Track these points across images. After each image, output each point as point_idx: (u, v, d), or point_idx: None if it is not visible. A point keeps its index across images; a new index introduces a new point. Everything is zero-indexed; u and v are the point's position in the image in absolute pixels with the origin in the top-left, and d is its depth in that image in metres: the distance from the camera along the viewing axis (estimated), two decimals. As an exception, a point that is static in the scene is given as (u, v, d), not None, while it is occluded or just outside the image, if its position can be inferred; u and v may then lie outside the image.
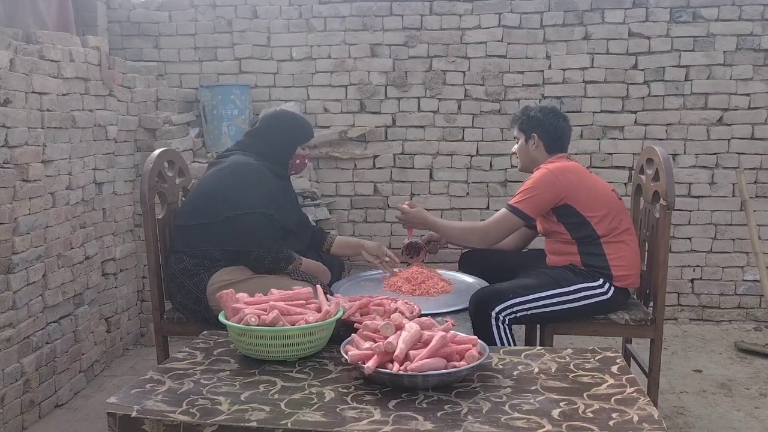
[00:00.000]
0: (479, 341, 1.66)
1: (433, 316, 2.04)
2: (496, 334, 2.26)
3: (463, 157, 3.89)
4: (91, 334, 3.06)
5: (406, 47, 3.86)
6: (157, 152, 2.47)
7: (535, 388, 1.55)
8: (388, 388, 1.54)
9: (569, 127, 2.59)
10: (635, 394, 1.50)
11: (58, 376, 2.79)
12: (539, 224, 2.57)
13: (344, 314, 1.88)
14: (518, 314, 2.30)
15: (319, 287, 1.96)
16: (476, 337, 1.69)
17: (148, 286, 2.71)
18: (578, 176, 2.43)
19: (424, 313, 2.03)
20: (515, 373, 1.64)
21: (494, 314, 2.26)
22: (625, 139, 3.82)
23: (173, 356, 1.78)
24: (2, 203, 2.41)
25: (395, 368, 1.51)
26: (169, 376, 1.62)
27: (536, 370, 1.66)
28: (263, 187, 2.37)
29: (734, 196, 3.76)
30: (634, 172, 2.89)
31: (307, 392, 1.53)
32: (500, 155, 3.86)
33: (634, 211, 2.71)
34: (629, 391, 1.52)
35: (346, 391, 1.54)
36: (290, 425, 1.36)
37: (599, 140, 3.83)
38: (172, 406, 1.45)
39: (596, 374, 1.62)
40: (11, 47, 2.55)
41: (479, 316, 2.26)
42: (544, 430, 1.33)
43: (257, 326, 1.68)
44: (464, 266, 2.78)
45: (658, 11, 3.72)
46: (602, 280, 2.37)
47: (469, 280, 2.61)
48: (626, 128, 3.81)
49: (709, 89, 3.74)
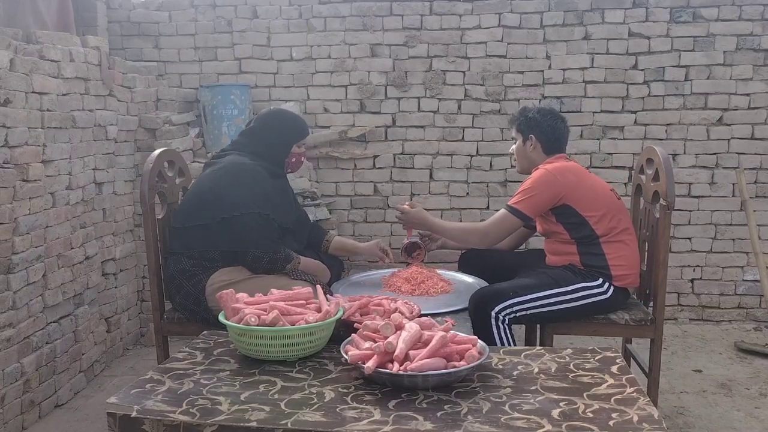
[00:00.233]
0: (479, 341, 1.66)
1: (432, 316, 2.04)
2: (495, 334, 2.27)
3: (463, 157, 3.89)
4: (91, 334, 3.06)
5: (406, 47, 3.86)
6: (157, 152, 2.48)
7: (535, 388, 1.55)
8: (388, 388, 1.54)
9: (567, 128, 2.59)
10: (635, 394, 1.50)
11: (58, 376, 2.79)
12: (539, 224, 2.57)
13: (344, 314, 1.88)
14: (518, 314, 2.31)
15: (319, 287, 1.96)
16: (476, 337, 1.70)
17: (148, 286, 2.71)
18: (577, 176, 2.43)
19: (423, 313, 2.02)
20: (515, 373, 1.64)
21: (494, 314, 2.26)
22: (625, 139, 3.82)
23: (173, 356, 1.78)
24: (2, 203, 2.41)
25: (395, 368, 1.51)
26: (169, 376, 1.63)
27: (536, 370, 1.66)
28: (258, 187, 2.37)
29: (734, 196, 3.76)
30: (634, 172, 2.89)
31: (307, 392, 1.53)
32: (500, 155, 3.86)
33: (634, 211, 2.71)
34: (629, 391, 1.52)
35: (346, 391, 1.54)
36: (290, 425, 1.36)
37: (599, 140, 3.83)
38: (172, 406, 1.45)
39: (596, 374, 1.62)
40: (11, 47, 2.55)
41: (479, 316, 2.26)
42: (544, 430, 1.33)
43: (257, 326, 1.68)
44: (464, 266, 2.78)
45: (658, 11, 3.72)
46: (602, 279, 2.37)
47: (468, 280, 2.61)
48: (626, 128, 3.81)
49: (709, 89, 3.74)
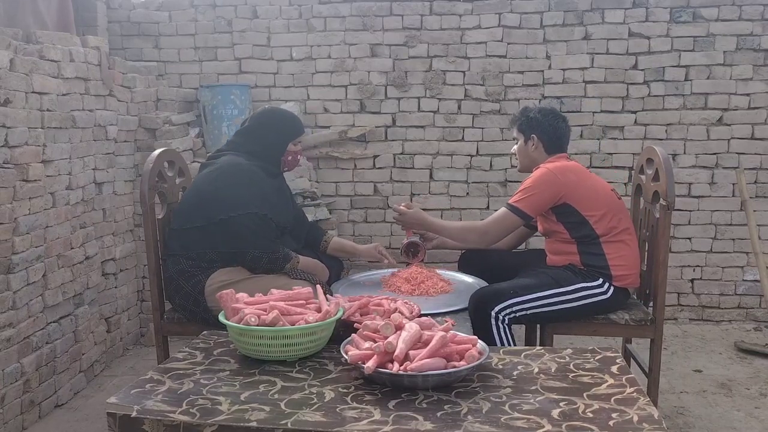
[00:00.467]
0: (479, 341, 1.66)
1: (432, 316, 2.03)
2: (495, 333, 2.26)
3: (463, 157, 3.89)
4: (91, 334, 3.06)
5: (406, 47, 3.86)
6: (157, 152, 2.47)
7: (535, 388, 1.55)
8: (388, 388, 1.54)
9: (568, 127, 2.60)
10: (635, 394, 1.50)
11: (58, 376, 2.79)
12: (539, 224, 2.57)
13: (344, 314, 1.88)
14: (518, 314, 2.30)
15: (318, 287, 1.96)
16: (476, 337, 1.70)
17: (148, 286, 2.71)
18: (578, 176, 2.43)
19: (423, 313, 2.02)
20: (515, 373, 1.64)
21: (494, 314, 2.26)
22: (625, 139, 3.82)
23: (173, 356, 1.78)
24: (2, 203, 2.41)
25: (395, 368, 1.51)
26: (169, 376, 1.62)
27: (536, 370, 1.66)
28: (255, 187, 2.36)
29: (734, 196, 3.76)
30: (634, 172, 2.89)
31: (307, 392, 1.53)
32: (500, 155, 3.86)
33: (634, 211, 2.71)
34: (629, 391, 1.52)
35: (346, 391, 1.54)
36: (290, 425, 1.36)
37: (599, 140, 3.83)
38: (172, 406, 1.45)
39: (596, 374, 1.62)
40: (11, 47, 2.55)
41: (479, 315, 2.26)
42: (544, 430, 1.33)
43: (257, 326, 1.68)
44: (463, 266, 2.78)
45: (658, 11, 3.71)
46: (602, 279, 2.37)
47: (468, 280, 2.61)
48: (626, 128, 3.81)
49: (709, 89, 3.74)
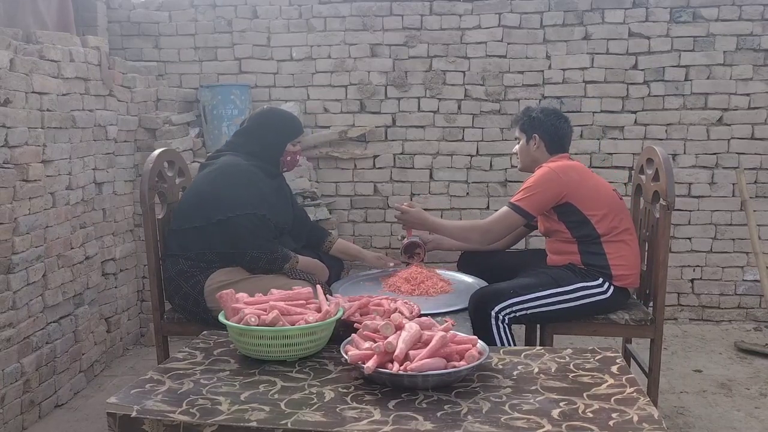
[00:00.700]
0: (479, 341, 1.66)
1: (432, 316, 2.03)
2: (495, 333, 2.26)
3: (463, 157, 3.89)
4: (91, 334, 3.06)
5: (406, 47, 3.86)
6: (157, 152, 2.48)
7: (535, 388, 1.55)
8: (388, 388, 1.54)
9: (570, 127, 2.59)
10: (635, 394, 1.50)
11: (58, 376, 2.79)
12: (540, 223, 2.57)
13: (344, 314, 1.88)
14: (518, 314, 2.30)
15: (318, 287, 1.96)
16: (476, 337, 1.70)
17: (147, 286, 2.71)
18: (580, 175, 2.43)
19: (423, 313, 2.02)
20: (515, 373, 1.64)
21: (494, 314, 2.26)
22: (625, 139, 3.82)
23: (173, 356, 1.78)
24: (2, 203, 2.41)
25: (395, 368, 1.51)
26: (169, 376, 1.62)
27: (536, 370, 1.66)
28: (254, 187, 2.37)
29: (734, 196, 3.76)
30: (634, 172, 2.89)
31: (307, 392, 1.53)
32: (500, 155, 3.86)
33: (634, 211, 2.71)
34: (629, 391, 1.52)
35: (346, 391, 1.54)
36: (290, 425, 1.36)
37: (599, 140, 3.83)
38: (172, 406, 1.45)
39: (596, 374, 1.62)
40: (11, 47, 2.55)
41: (479, 315, 2.26)
42: (544, 430, 1.33)
43: (257, 326, 1.68)
44: (463, 266, 2.78)
45: (658, 11, 3.71)
46: (602, 279, 2.36)
47: (468, 280, 2.61)
48: (626, 128, 3.81)
49: (709, 89, 3.74)
